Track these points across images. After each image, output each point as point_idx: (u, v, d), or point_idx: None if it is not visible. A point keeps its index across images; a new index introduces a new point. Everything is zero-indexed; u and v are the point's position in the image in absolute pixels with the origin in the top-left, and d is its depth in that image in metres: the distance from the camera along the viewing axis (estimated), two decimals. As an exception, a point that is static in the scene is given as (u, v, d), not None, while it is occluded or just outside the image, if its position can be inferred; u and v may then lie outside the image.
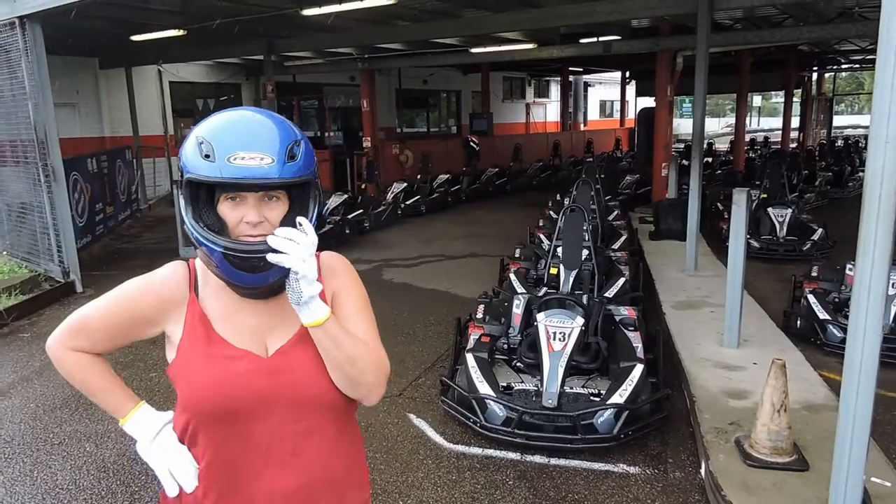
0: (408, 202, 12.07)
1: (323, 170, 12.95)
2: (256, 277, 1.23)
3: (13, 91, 6.98)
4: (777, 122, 32.17)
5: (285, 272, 1.19)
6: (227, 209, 1.23)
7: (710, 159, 17.83)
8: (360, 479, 1.45)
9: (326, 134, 16.65)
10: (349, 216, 9.85)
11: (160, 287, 1.33)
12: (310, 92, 17.32)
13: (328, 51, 13.31)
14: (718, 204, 9.97)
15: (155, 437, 1.36)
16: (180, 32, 9.50)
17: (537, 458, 3.60)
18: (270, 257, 1.17)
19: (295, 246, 1.16)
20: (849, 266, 5.60)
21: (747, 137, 18.82)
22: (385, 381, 1.35)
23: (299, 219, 1.21)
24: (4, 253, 7.98)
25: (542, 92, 26.73)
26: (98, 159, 9.87)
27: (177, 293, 1.33)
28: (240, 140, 1.18)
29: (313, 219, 1.26)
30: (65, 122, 12.47)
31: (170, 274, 1.35)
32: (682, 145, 19.96)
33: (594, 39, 11.40)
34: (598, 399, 3.81)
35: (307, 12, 7.75)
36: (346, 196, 10.24)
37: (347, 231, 9.60)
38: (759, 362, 4.43)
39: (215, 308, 1.32)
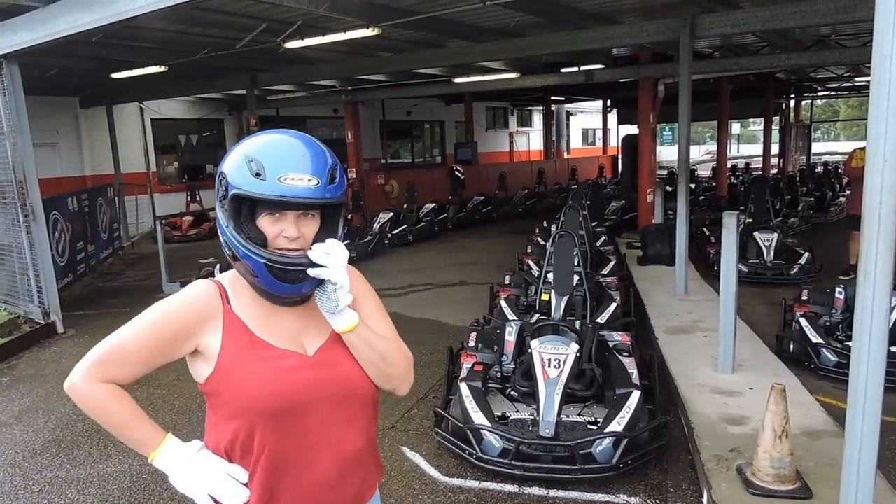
0: (394, 232, 12.03)
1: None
2: (293, 287, 1.34)
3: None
4: (756, 149, 32.73)
5: (317, 282, 1.33)
6: (267, 224, 1.33)
7: (692, 185, 18.03)
8: (377, 450, 1.57)
9: (311, 167, 16.60)
10: (336, 248, 9.77)
11: (197, 302, 1.39)
12: (293, 125, 17.32)
13: (311, 84, 13.38)
14: (704, 229, 10.03)
15: (192, 464, 1.36)
16: (162, 69, 9.50)
17: (536, 490, 3.50)
18: (311, 270, 1.30)
19: (332, 259, 1.30)
20: (838, 289, 5.62)
21: (728, 164, 19.07)
22: (412, 372, 1.52)
23: (330, 240, 1.34)
24: (-18, 295, 7.79)
25: (525, 121, 27.04)
26: (79, 198, 9.73)
27: (213, 306, 1.39)
28: (290, 162, 1.29)
29: (341, 236, 1.40)
30: (45, 161, 12.36)
31: (203, 289, 1.41)
32: (665, 171, 20.22)
33: (576, 69, 11.56)
34: (595, 427, 3.73)
35: (290, 45, 7.78)
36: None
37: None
38: (756, 387, 4.39)
39: (251, 316, 1.40)
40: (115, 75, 10.23)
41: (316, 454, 1.40)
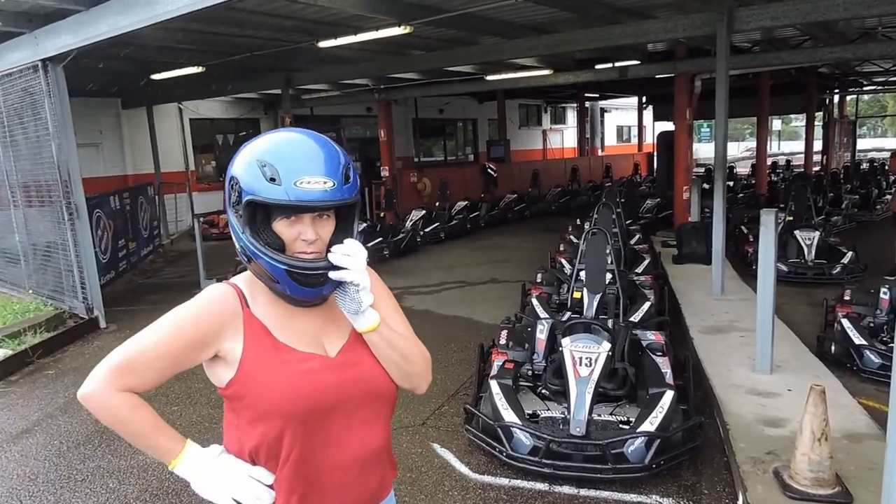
0: (427, 229, 12.07)
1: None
2: (315, 291, 1.33)
3: (37, 132, 7.12)
4: (798, 146, 31.89)
5: (336, 283, 1.31)
6: (283, 227, 1.30)
7: (731, 183, 17.66)
8: (392, 455, 1.56)
9: (345, 165, 16.76)
10: (368, 244, 9.84)
11: (217, 307, 1.36)
12: (327, 124, 17.53)
13: (345, 82, 13.50)
14: (742, 227, 9.81)
15: (214, 468, 1.34)
16: (199, 69, 9.69)
17: (566, 489, 3.48)
18: (333, 274, 1.29)
19: (353, 261, 1.29)
20: (883, 290, 5.44)
21: (768, 161, 18.62)
22: (430, 370, 1.52)
23: (348, 241, 1.32)
24: (30, 292, 8.07)
25: (559, 118, 26.83)
26: (121, 196, 10.02)
27: (232, 310, 1.36)
28: (304, 165, 1.26)
29: (357, 235, 1.37)
30: (89, 161, 12.73)
31: (221, 293, 1.38)
32: (703, 169, 19.81)
33: (610, 65, 11.42)
34: (627, 427, 3.68)
35: (323, 44, 7.86)
36: (364, 224, 10.26)
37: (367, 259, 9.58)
38: (795, 389, 4.28)
39: (270, 319, 1.38)
40: (155, 76, 10.49)
41: (338, 454, 1.39)
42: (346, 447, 1.40)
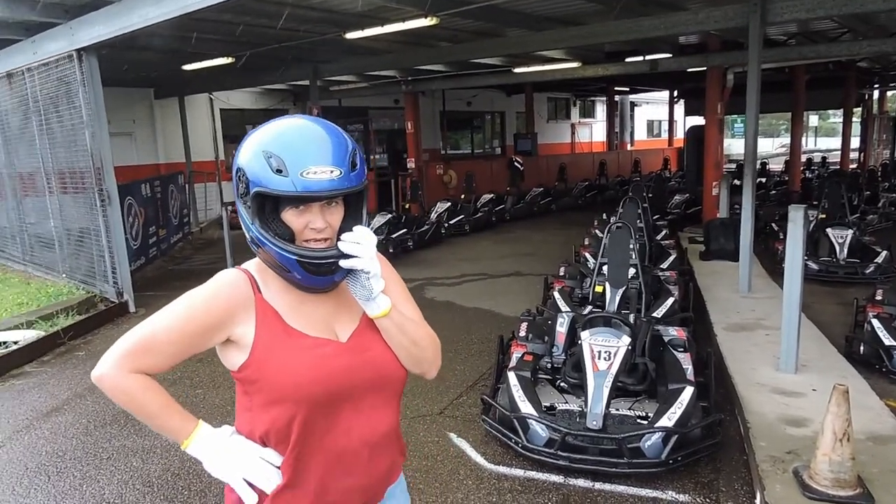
0: (451, 221, 12.08)
1: (368, 190, 13.11)
2: (326, 279, 1.34)
3: (72, 121, 7.30)
4: (835, 143, 31.07)
5: (347, 270, 1.32)
6: (292, 217, 1.30)
7: (763, 179, 17.32)
8: (400, 432, 1.56)
9: (371, 156, 16.87)
10: (393, 235, 9.90)
11: (229, 291, 1.37)
12: (355, 116, 17.63)
13: (372, 74, 13.53)
14: (773, 224, 9.62)
15: (226, 448, 1.36)
16: (229, 60, 9.81)
17: (581, 482, 3.47)
18: (344, 262, 1.30)
19: (363, 248, 1.29)
20: (917, 289, 5.30)
21: (803, 157, 18.19)
22: (440, 355, 1.53)
23: (357, 227, 1.33)
24: (64, 276, 8.29)
25: (588, 112, 26.56)
26: (152, 185, 10.22)
27: (243, 295, 1.37)
28: (310, 154, 1.25)
29: (365, 221, 1.38)
30: (122, 150, 13.01)
31: (233, 279, 1.39)
32: (734, 165, 19.44)
33: (640, 58, 11.25)
34: (645, 422, 3.66)
35: (350, 35, 7.89)
36: (389, 216, 10.31)
37: (391, 250, 9.64)
38: (820, 388, 4.20)
39: (282, 305, 1.39)
40: (186, 67, 10.64)
41: (348, 438, 1.40)
42: (356, 431, 1.41)
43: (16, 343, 5.80)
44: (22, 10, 6.73)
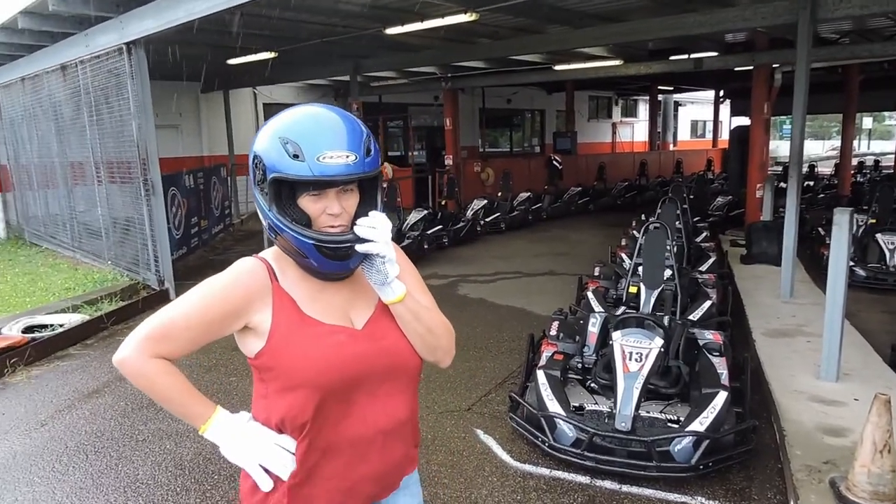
0: (487, 219, 12.04)
1: (405, 186, 13.18)
2: (342, 264, 1.36)
3: (121, 112, 7.52)
4: (889, 146, 29.92)
5: (364, 256, 1.33)
6: (309, 203, 1.32)
7: (811, 182, 16.78)
8: (417, 423, 1.58)
9: (410, 153, 16.96)
10: (428, 231, 9.92)
11: (247, 279, 1.39)
12: (395, 112, 17.74)
13: (412, 70, 13.59)
14: (820, 229, 9.31)
15: (242, 435, 1.38)
16: (272, 55, 9.97)
17: (608, 484, 3.42)
18: (359, 247, 1.31)
19: (379, 233, 1.31)
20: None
21: (854, 160, 17.54)
22: (454, 345, 1.53)
23: (373, 212, 1.34)
24: (109, 263, 8.56)
25: (630, 111, 26.16)
26: (195, 176, 10.45)
27: (261, 283, 1.39)
28: (326, 140, 1.27)
29: (380, 207, 1.39)
30: (168, 142, 13.37)
31: (251, 267, 1.41)
32: (781, 168, 18.89)
33: (685, 56, 11.02)
34: (676, 425, 3.58)
35: (390, 31, 7.94)
36: (425, 212, 10.32)
37: (426, 246, 9.66)
38: (861, 398, 4.04)
39: (298, 293, 1.40)
40: (231, 61, 10.86)
41: (362, 426, 1.41)
42: (370, 419, 1.42)
43: (61, 326, 6.02)
44: (76, 4, 6.96)
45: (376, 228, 1.31)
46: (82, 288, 7.53)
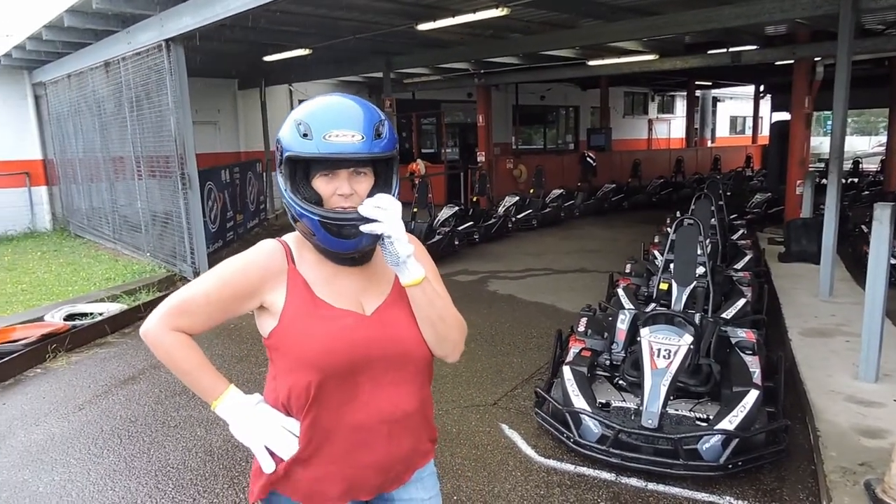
0: (519, 216, 11.99)
1: (437, 183, 13.21)
2: (349, 243, 1.37)
3: (160, 108, 7.71)
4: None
5: (375, 237, 1.34)
6: (321, 184, 1.37)
7: (855, 179, 16.24)
8: (430, 416, 1.58)
9: (443, 149, 16.97)
10: (459, 228, 9.92)
11: (264, 260, 1.43)
12: (428, 108, 17.77)
13: (445, 67, 13.59)
14: (863, 226, 9.00)
15: (251, 415, 1.42)
16: (307, 51, 10.08)
17: (633, 481, 3.38)
18: (364, 227, 1.32)
19: (385, 213, 1.31)
20: None
21: (902, 156, 16.86)
22: (464, 340, 1.53)
23: (379, 194, 1.35)
24: (148, 255, 8.80)
25: (667, 107, 25.73)
26: (231, 171, 10.65)
27: (278, 264, 1.43)
28: (333, 120, 1.32)
29: (395, 192, 1.41)
30: (207, 138, 13.67)
31: (269, 249, 1.46)
32: (824, 164, 18.33)
33: (723, 50, 10.78)
34: (704, 424, 3.52)
35: (422, 27, 7.95)
36: (457, 208, 10.32)
37: (457, 242, 9.65)
38: (902, 399, 3.92)
39: (313, 276, 1.44)
40: (267, 58, 11.03)
41: (365, 413, 1.42)
42: (373, 406, 1.43)
43: (101, 315, 6.20)
44: (118, 2, 7.15)
45: (381, 208, 1.32)
46: (122, 278, 7.76)
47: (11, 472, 3.59)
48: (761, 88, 22.25)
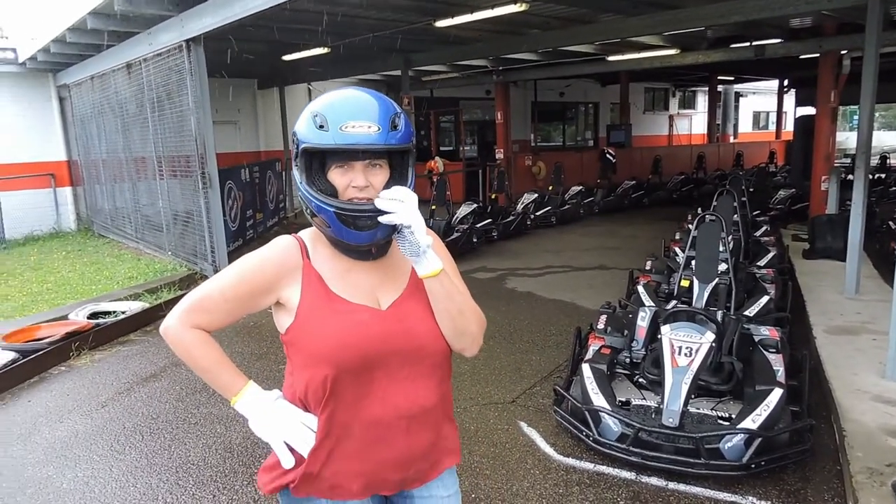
0: (538, 213, 11.92)
1: (455, 180, 13.18)
2: (364, 235, 1.36)
3: (181, 108, 7.78)
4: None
5: (390, 230, 1.35)
6: (336, 176, 1.36)
7: (883, 175, 15.91)
8: (450, 413, 1.56)
9: (461, 147, 16.94)
10: (477, 225, 9.89)
11: (279, 256, 1.44)
12: (447, 106, 17.74)
13: (464, 64, 13.54)
14: (891, 223, 8.81)
15: (269, 410, 1.43)
16: (325, 50, 10.11)
17: (654, 480, 3.33)
18: (383, 218, 1.31)
19: (402, 204, 1.30)
20: None
21: (931, 150, 16.52)
22: (482, 334, 1.51)
23: (395, 187, 1.34)
24: (170, 253, 8.90)
25: (688, 103, 25.41)
26: (251, 170, 10.74)
27: (293, 260, 1.43)
28: (350, 111, 1.32)
29: (411, 185, 1.40)
30: (227, 138, 13.78)
31: (284, 244, 1.46)
32: (850, 160, 17.98)
33: (746, 44, 10.59)
34: (727, 423, 3.46)
35: (440, 24, 7.93)
36: (475, 206, 10.29)
37: (475, 240, 9.62)
38: (932, 399, 3.82)
39: (328, 271, 1.43)
40: (286, 57, 11.08)
41: (380, 408, 1.41)
42: (390, 402, 1.42)
43: (124, 313, 6.29)
44: (139, 3, 7.22)
45: (396, 199, 1.31)
46: (144, 277, 7.86)
47: (36, 469, 3.65)
48: (785, 83, 21.86)
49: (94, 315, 6.22)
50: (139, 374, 5.10)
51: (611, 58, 11.82)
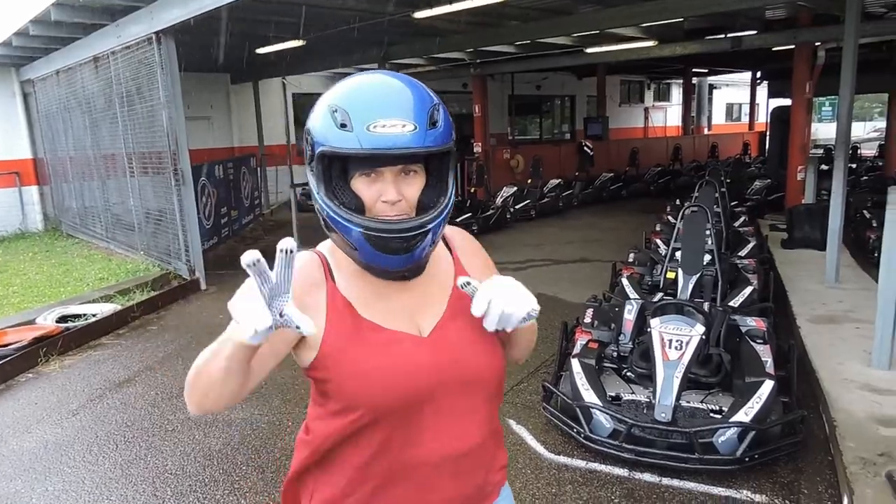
0: (517, 206, 11.87)
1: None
2: (400, 259, 1.12)
3: (152, 103, 7.55)
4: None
5: (430, 250, 1.14)
6: (362, 186, 1.11)
7: (853, 165, 16.17)
8: (501, 443, 1.33)
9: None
10: (456, 220, 9.80)
11: (300, 277, 1.09)
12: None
13: (441, 57, 13.42)
14: (864, 212, 8.92)
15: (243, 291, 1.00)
16: (300, 43, 9.90)
17: (647, 476, 3.28)
18: (488, 322, 1.13)
19: (516, 302, 1.12)
20: None
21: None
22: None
23: (463, 278, 1.14)
24: (142, 253, 8.65)
25: (663, 95, 25.59)
26: (225, 167, 10.49)
27: (316, 282, 1.17)
28: (378, 106, 1.06)
29: (451, 195, 1.16)
30: (200, 134, 13.49)
31: (304, 264, 1.19)
32: (822, 150, 18.25)
33: (722, 35, 10.62)
34: (718, 416, 3.42)
35: (418, 15, 7.79)
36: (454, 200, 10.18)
37: (455, 235, 9.52)
38: (918, 387, 3.83)
39: (355, 293, 1.18)
40: (260, 51, 10.84)
41: (427, 450, 1.18)
42: (437, 443, 1.18)
43: (94, 316, 6.07)
44: (105, -8, 6.97)
45: (505, 300, 1.11)
46: (115, 278, 7.61)
47: (3, 483, 3.47)
48: (758, 75, 22.12)
49: (63, 318, 5.98)
50: (112, 379, 4.91)
51: (589, 50, 11.77)
